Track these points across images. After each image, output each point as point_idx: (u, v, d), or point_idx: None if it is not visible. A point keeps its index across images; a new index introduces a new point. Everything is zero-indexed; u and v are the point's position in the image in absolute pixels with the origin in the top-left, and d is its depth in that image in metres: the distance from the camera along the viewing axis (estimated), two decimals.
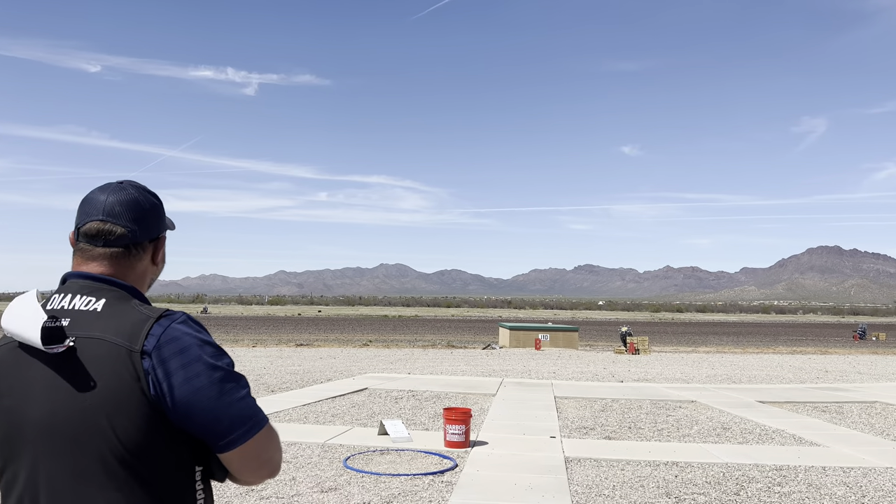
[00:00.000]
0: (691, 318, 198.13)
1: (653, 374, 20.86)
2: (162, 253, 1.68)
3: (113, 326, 1.44)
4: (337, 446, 8.79)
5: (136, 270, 1.60)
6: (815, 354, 35.19)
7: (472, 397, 13.86)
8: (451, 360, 25.03)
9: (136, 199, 1.61)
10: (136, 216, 1.59)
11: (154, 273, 1.68)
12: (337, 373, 18.57)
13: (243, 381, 1.49)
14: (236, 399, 1.45)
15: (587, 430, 10.41)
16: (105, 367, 1.41)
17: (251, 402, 1.48)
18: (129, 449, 1.39)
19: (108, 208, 1.58)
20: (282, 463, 1.58)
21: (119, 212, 1.58)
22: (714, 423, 11.24)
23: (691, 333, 74.01)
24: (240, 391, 1.46)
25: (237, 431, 1.44)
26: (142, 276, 1.62)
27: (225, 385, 1.44)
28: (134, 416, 1.40)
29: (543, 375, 19.35)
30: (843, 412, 12.85)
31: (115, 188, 1.62)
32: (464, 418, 8.84)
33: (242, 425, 1.44)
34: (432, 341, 46.53)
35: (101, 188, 1.64)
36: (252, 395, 1.50)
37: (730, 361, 27.84)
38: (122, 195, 1.60)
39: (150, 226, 1.63)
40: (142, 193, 1.64)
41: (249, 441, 1.45)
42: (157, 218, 1.65)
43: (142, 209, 1.61)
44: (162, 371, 1.41)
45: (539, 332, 38.55)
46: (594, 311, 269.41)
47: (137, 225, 1.59)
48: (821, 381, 19.02)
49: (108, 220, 1.57)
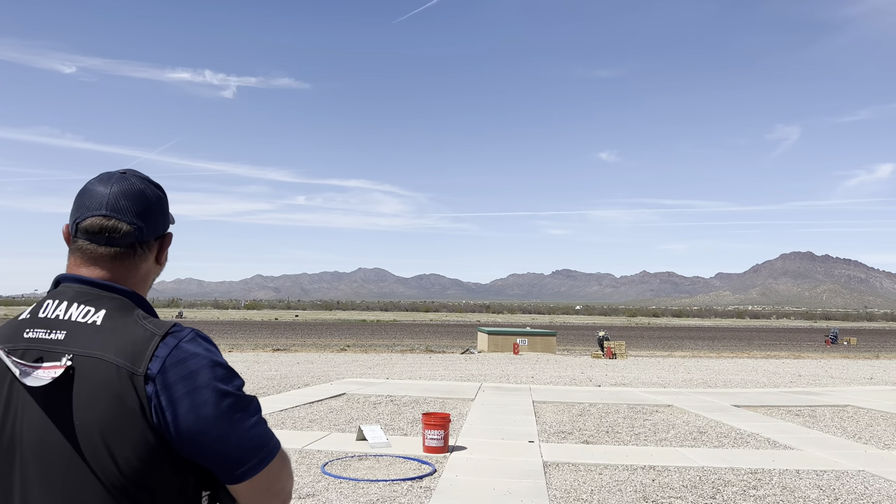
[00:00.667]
0: (667, 322, 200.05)
1: (630, 378, 21.01)
2: (166, 252, 1.51)
3: (114, 344, 1.29)
4: (315, 452, 8.73)
5: (139, 272, 1.43)
6: (789, 359, 35.70)
7: (451, 402, 13.84)
8: (430, 365, 24.99)
9: (142, 191, 1.42)
10: (142, 210, 1.40)
11: (156, 274, 1.51)
12: (314, 378, 18.44)
13: (254, 405, 1.35)
14: (246, 428, 1.31)
15: (565, 435, 10.45)
16: (105, 390, 1.26)
17: (262, 430, 1.34)
18: (130, 478, 1.26)
19: (111, 202, 1.38)
20: (291, 490, 1.44)
21: (124, 206, 1.38)
22: (690, 427, 11.34)
23: (667, 338, 74.72)
24: (250, 418, 1.33)
25: (248, 464, 1.32)
26: (144, 279, 1.45)
27: (235, 414, 1.30)
28: (136, 445, 1.26)
29: (522, 380, 19.40)
30: (816, 416, 13.05)
31: (119, 178, 1.42)
32: (442, 423, 8.82)
33: (253, 457, 1.32)
34: (411, 346, 46.43)
35: (103, 178, 1.43)
36: (263, 418, 1.37)
37: (705, 366, 28.14)
38: (126, 186, 1.41)
39: (157, 221, 1.44)
40: (147, 185, 1.45)
41: (261, 472, 1.33)
42: (163, 212, 1.47)
43: (148, 202, 1.42)
44: (166, 398, 1.27)
45: (517, 336, 38.66)
46: (571, 316, 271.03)
47: (144, 221, 1.41)
48: (794, 386, 19.29)
49: (113, 215, 1.38)
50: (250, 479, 1.32)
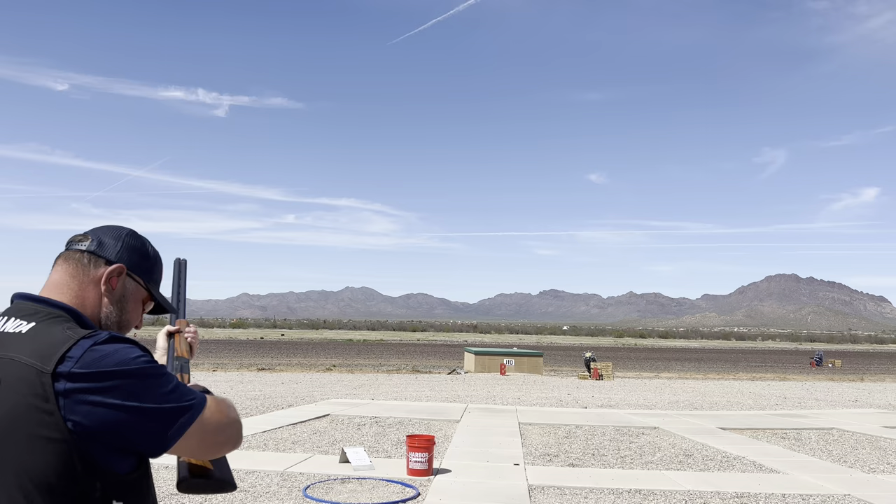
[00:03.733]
0: (654, 343, 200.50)
1: (616, 399, 20.95)
2: (116, 285, 1.62)
3: (32, 347, 1.38)
4: (297, 475, 8.58)
5: (78, 283, 1.58)
6: (775, 381, 35.80)
7: (437, 423, 13.71)
8: (416, 386, 24.82)
9: (119, 232, 1.69)
10: (104, 238, 1.64)
11: (101, 306, 1.60)
12: (299, 398, 18.24)
13: (165, 377, 1.44)
14: (156, 403, 1.39)
15: (551, 458, 10.36)
16: (14, 388, 1.34)
17: (175, 398, 1.43)
18: (34, 478, 1.31)
19: (96, 228, 1.68)
20: (240, 431, 1.57)
21: (99, 231, 1.66)
22: (676, 450, 11.29)
23: (654, 359, 74.81)
24: (159, 390, 1.41)
25: (166, 435, 1.41)
26: (82, 296, 1.57)
27: (143, 394, 1.38)
28: (42, 444, 1.32)
29: (508, 401, 19.29)
30: (802, 439, 13.03)
31: (118, 227, 1.71)
32: (427, 446, 8.72)
33: (170, 426, 1.41)
34: (397, 366, 46.15)
35: None
36: (177, 385, 1.46)
37: (692, 387, 28.14)
38: (117, 230, 1.69)
39: (110, 249, 1.63)
40: (130, 235, 1.70)
41: (185, 436, 1.43)
42: (125, 252, 1.66)
43: (115, 238, 1.66)
44: (75, 395, 1.34)
45: (504, 357, 38.53)
46: (559, 336, 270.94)
47: (103, 240, 1.63)
48: (780, 408, 19.31)
49: (89, 234, 1.65)
50: (176, 444, 1.42)
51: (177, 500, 6.90)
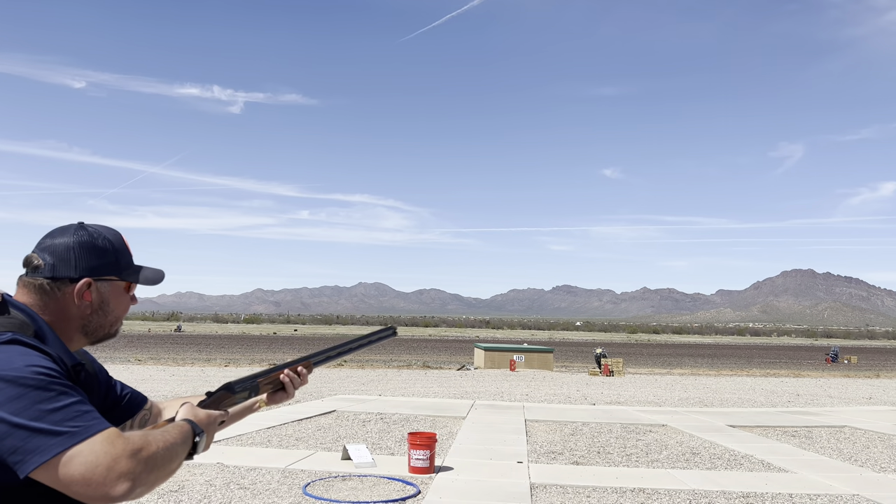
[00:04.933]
0: (667, 339, 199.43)
1: (625, 396, 20.80)
2: (90, 298, 1.59)
3: None
4: (298, 472, 8.55)
5: (51, 308, 1.56)
6: (788, 377, 35.45)
7: (442, 420, 13.65)
8: (425, 382, 24.79)
9: (69, 237, 1.61)
10: (57, 252, 1.59)
11: (84, 319, 1.59)
12: (306, 394, 18.24)
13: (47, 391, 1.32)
14: (34, 410, 1.29)
15: (555, 455, 10.26)
16: None
17: (57, 417, 1.30)
18: None
19: (42, 240, 1.62)
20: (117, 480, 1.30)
21: (46, 245, 1.60)
22: (683, 448, 11.15)
23: (667, 355, 74.38)
24: (43, 403, 1.30)
25: (27, 454, 1.28)
26: (61, 317, 1.56)
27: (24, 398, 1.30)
28: None
29: (516, 398, 19.19)
30: (813, 437, 12.84)
31: (68, 227, 1.64)
32: (428, 443, 8.65)
33: (34, 446, 1.28)
34: (408, 361, 46.18)
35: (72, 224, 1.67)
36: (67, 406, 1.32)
37: (703, 384, 27.91)
38: (63, 233, 1.62)
39: (69, 265, 1.58)
40: (82, 235, 1.62)
41: (47, 464, 1.28)
42: (85, 259, 1.60)
43: (67, 247, 1.59)
44: None
45: (514, 353, 38.43)
46: (571, 332, 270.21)
47: (55, 260, 1.58)
48: (792, 405, 19.08)
49: (36, 251, 1.60)
50: (35, 471, 1.29)
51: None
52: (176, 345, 66.22)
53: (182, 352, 52.59)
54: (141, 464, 1.33)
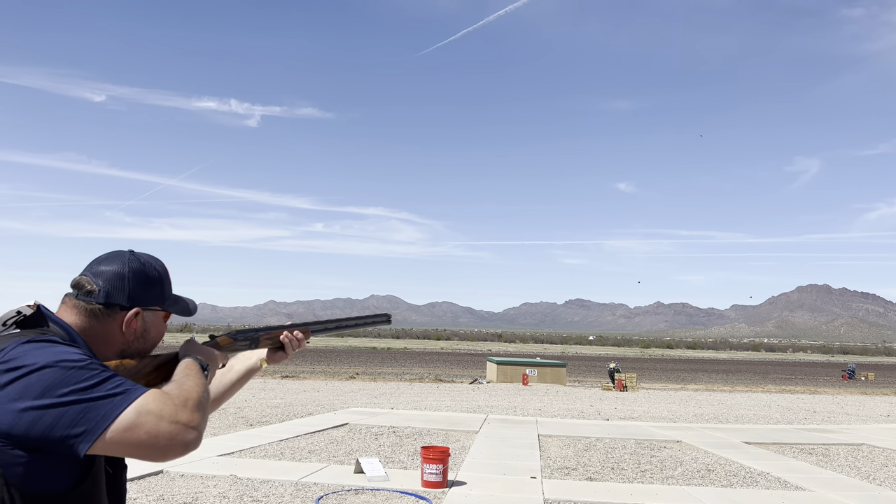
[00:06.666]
0: (681, 354, 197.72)
1: (639, 412, 20.64)
2: (136, 326, 1.65)
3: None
4: (311, 485, 8.55)
5: (97, 330, 1.60)
6: (804, 394, 35.04)
7: (455, 434, 13.61)
8: (437, 395, 24.73)
9: (122, 265, 1.65)
10: (112, 280, 1.62)
11: (126, 345, 1.64)
12: (319, 406, 18.26)
13: (98, 370, 1.39)
14: (79, 389, 1.35)
15: (569, 471, 10.19)
16: None
17: (106, 385, 1.37)
18: None
19: (94, 265, 1.65)
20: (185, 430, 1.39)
21: (98, 271, 1.63)
22: (699, 465, 11.04)
23: (681, 370, 73.76)
24: (89, 381, 1.37)
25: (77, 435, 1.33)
26: (104, 339, 1.60)
27: (69, 381, 1.36)
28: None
29: (529, 412, 19.10)
30: (830, 455, 12.68)
31: (119, 253, 1.68)
32: (441, 457, 8.63)
33: (81, 426, 1.33)
34: (420, 375, 46.08)
35: (120, 251, 1.71)
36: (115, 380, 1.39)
37: (718, 400, 27.64)
38: (115, 259, 1.66)
39: (123, 294, 1.62)
40: (134, 263, 1.66)
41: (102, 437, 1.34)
42: (137, 290, 1.65)
43: (121, 275, 1.63)
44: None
45: (527, 367, 38.27)
46: (584, 346, 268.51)
47: (110, 287, 1.61)
48: (808, 422, 18.85)
49: (87, 274, 1.63)
50: (93, 444, 1.33)
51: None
52: None
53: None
54: (194, 411, 1.42)
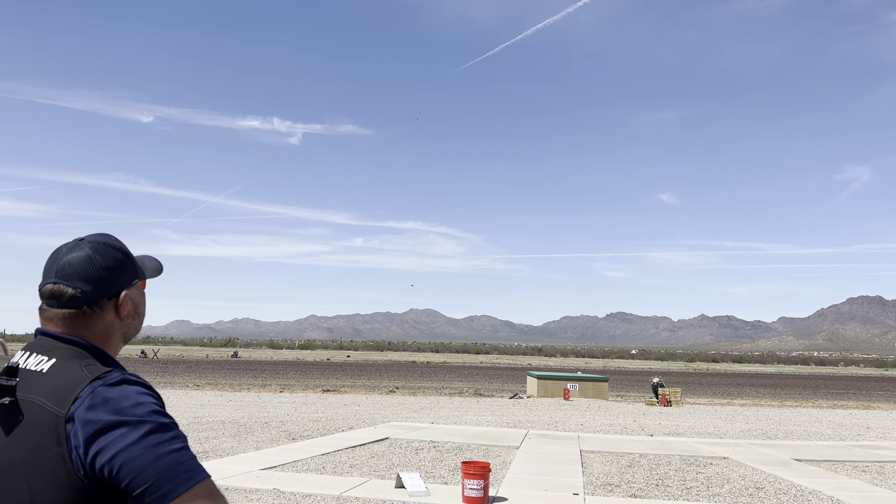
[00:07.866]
0: (727, 368, 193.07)
1: (684, 427, 20.21)
2: (129, 307, 1.63)
3: (51, 389, 1.45)
4: (352, 499, 8.58)
5: (95, 329, 1.58)
6: (857, 409, 33.88)
7: (495, 449, 13.52)
8: (477, 410, 24.61)
9: (88, 258, 1.58)
10: (87, 275, 1.57)
11: (125, 327, 1.64)
12: (360, 421, 18.34)
13: (174, 433, 1.43)
14: (164, 452, 1.39)
15: (612, 488, 10.03)
16: (32, 430, 1.42)
17: (183, 456, 1.41)
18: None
19: (59, 269, 1.57)
20: None
21: (69, 272, 1.56)
22: (747, 482, 10.75)
23: (726, 385, 72.06)
24: (169, 445, 1.41)
25: (165, 487, 1.37)
26: (105, 334, 1.60)
27: (149, 438, 1.39)
28: (54, 483, 1.39)
29: (570, 427, 18.87)
30: (885, 472, 12.22)
31: (72, 246, 1.60)
32: (482, 473, 8.58)
33: (171, 480, 1.38)
34: (459, 389, 45.96)
35: (62, 247, 1.62)
36: (183, 447, 1.44)
37: (766, 415, 26.90)
38: (75, 254, 1.58)
39: (105, 283, 1.59)
40: (97, 250, 1.60)
41: (184, 495, 1.39)
42: (115, 274, 1.61)
43: (93, 267, 1.58)
44: (83, 436, 1.39)
45: (568, 381, 37.85)
46: (627, 360, 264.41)
47: (91, 285, 1.56)
48: (862, 439, 18.20)
49: (59, 281, 1.56)
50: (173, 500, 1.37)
51: None
52: (233, 370, 67.52)
53: (238, 377, 53.60)
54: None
